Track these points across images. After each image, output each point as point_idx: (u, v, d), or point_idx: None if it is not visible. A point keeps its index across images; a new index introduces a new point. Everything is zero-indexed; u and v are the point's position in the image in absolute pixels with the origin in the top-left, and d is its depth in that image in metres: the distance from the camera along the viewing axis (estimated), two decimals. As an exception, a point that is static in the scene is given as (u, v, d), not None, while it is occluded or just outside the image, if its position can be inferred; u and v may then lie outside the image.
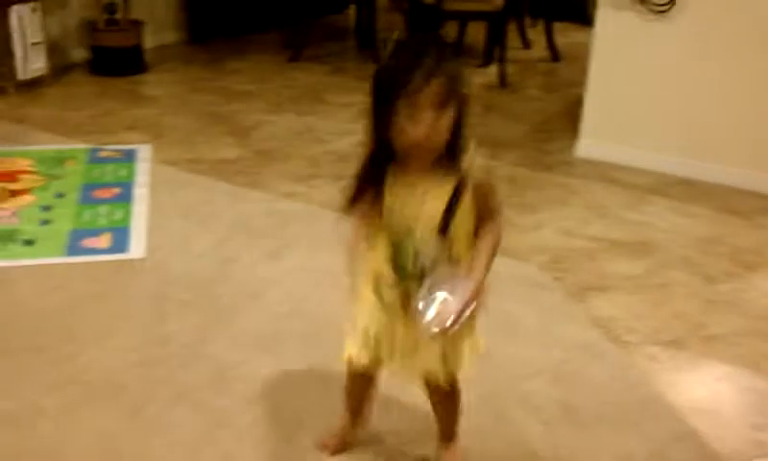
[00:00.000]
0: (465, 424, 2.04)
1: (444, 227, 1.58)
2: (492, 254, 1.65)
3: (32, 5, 4.53)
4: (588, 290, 2.73)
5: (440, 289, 1.56)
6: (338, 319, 2.45)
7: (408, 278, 1.61)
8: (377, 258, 1.65)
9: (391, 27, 5.89)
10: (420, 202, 1.57)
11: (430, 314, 1.55)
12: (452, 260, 1.60)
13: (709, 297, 2.71)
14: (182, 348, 2.33)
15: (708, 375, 2.34)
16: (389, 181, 1.59)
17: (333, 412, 2.01)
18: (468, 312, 1.57)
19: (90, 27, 5.07)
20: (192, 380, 2.19)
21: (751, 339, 2.48)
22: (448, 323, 1.55)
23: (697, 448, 2.01)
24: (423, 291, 1.57)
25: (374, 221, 1.63)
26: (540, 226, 3.19)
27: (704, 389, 2.28)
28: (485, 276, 1.61)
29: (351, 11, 6.57)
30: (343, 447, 1.96)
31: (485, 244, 1.65)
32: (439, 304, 1.56)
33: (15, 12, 4.52)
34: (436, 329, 1.55)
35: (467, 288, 1.57)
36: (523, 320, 2.53)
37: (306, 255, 2.90)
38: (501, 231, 1.68)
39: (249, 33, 6.16)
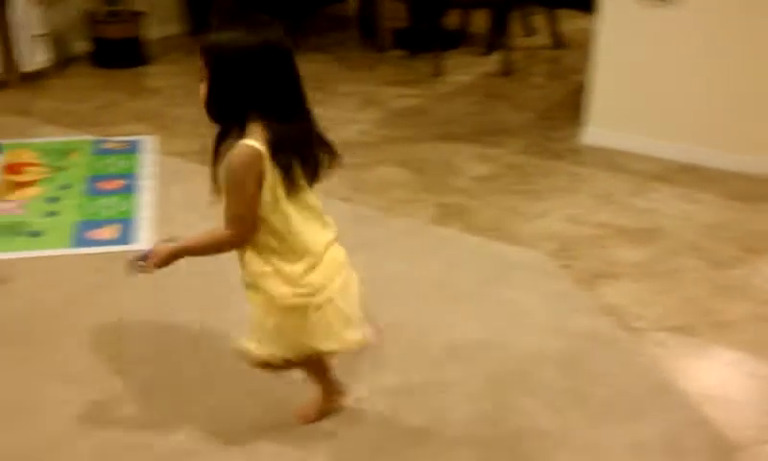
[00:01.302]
0: (471, 409, 2.04)
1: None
2: (203, 248, 1.79)
3: (34, -4, 4.52)
4: (595, 277, 2.72)
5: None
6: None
7: None
8: None
9: (393, 16, 5.86)
10: None
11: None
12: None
13: (718, 282, 2.70)
14: (187, 339, 2.33)
15: (718, 361, 2.33)
16: None
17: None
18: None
19: (91, 18, 5.05)
20: (196, 371, 2.19)
21: (760, 324, 2.47)
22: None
23: (709, 435, 2.01)
24: None
25: None
26: (546, 213, 3.18)
27: (714, 375, 2.27)
28: (181, 251, 1.76)
29: (353, 0, 6.55)
30: (320, 416, 2.00)
31: (206, 235, 1.78)
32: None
33: (18, 5, 4.50)
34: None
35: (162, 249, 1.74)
36: (531, 307, 2.52)
37: (313, 245, 2.89)
38: (227, 242, 1.73)
39: (251, 23, 6.13)
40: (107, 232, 2.92)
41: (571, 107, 4.32)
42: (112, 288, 2.58)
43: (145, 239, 2.87)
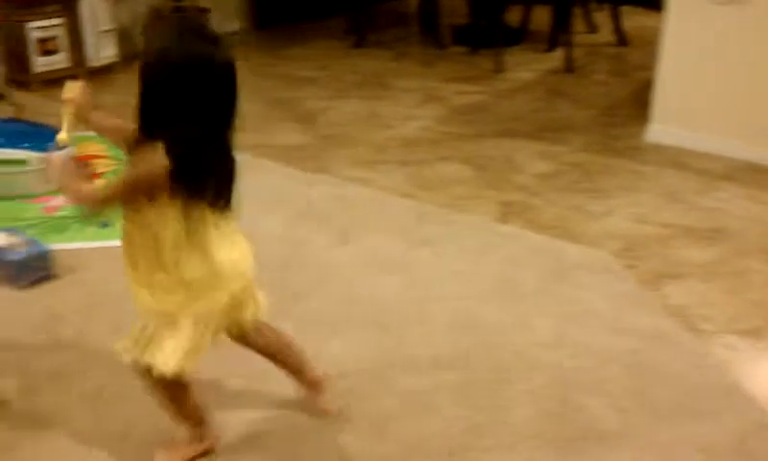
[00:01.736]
0: (534, 408, 2.03)
1: None
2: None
3: (104, -6, 4.63)
4: (661, 277, 2.68)
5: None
6: (404, 304, 2.49)
7: None
8: None
9: (454, 12, 5.85)
10: None
11: None
12: None
13: (788, 286, 2.64)
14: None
15: (788, 365, 2.28)
16: None
17: (404, 393, 2.03)
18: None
19: (157, 15, 5.15)
20: (262, 362, 2.22)
21: (833, 329, 2.41)
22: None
23: (779, 440, 1.97)
24: None
25: None
26: (610, 212, 3.14)
27: (784, 379, 2.23)
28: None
29: (414, -5, 6.56)
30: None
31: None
32: None
33: (87, 1, 4.62)
34: None
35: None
36: (595, 307, 2.49)
37: (373, 240, 2.91)
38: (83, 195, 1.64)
39: (311, 19, 6.19)
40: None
41: (635, 104, 4.27)
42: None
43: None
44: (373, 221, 3.06)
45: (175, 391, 1.77)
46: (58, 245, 2.76)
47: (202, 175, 1.57)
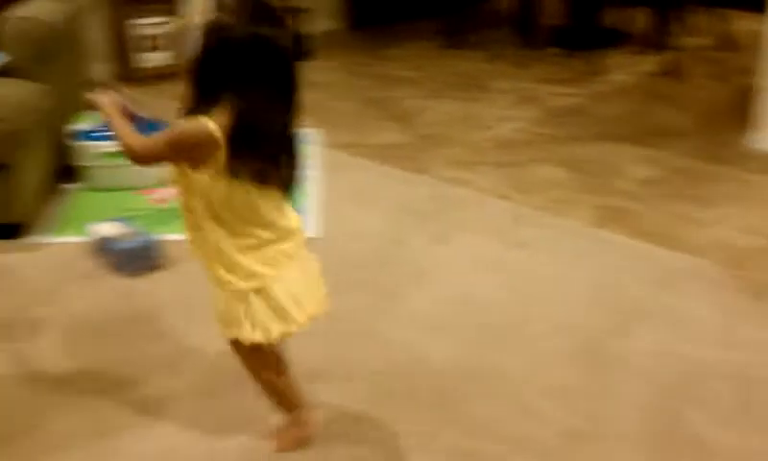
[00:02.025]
0: (635, 418, 2.00)
1: None
2: (121, 133, 1.71)
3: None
4: (769, 289, 2.60)
5: None
6: (503, 306, 2.48)
7: None
8: None
9: (551, 13, 5.79)
10: None
11: None
12: None
13: None
14: (354, 324, 2.39)
15: None
16: None
17: (503, 396, 2.03)
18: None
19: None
20: (363, 358, 2.25)
21: None
22: None
23: None
24: None
25: None
26: (716, 221, 3.05)
27: None
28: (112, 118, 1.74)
29: (510, -4, 6.52)
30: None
31: (132, 132, 1.70)
32: None
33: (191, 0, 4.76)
34: None
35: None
36: (702, 318, 2.43)
37: (472, 241, 2.91)
38: (132, 149, 1.69)
39: (407, 19, 6.22)
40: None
41: (738, 110, 4.13)
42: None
43: (312, 227, 2.97)
44: (470, 221, 3.06)
45: (264, 365, 1.81)
46: (164, 236, 2.85)
47: (250, 147, 1.58)
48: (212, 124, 1.54)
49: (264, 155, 1.61)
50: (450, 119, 4.20)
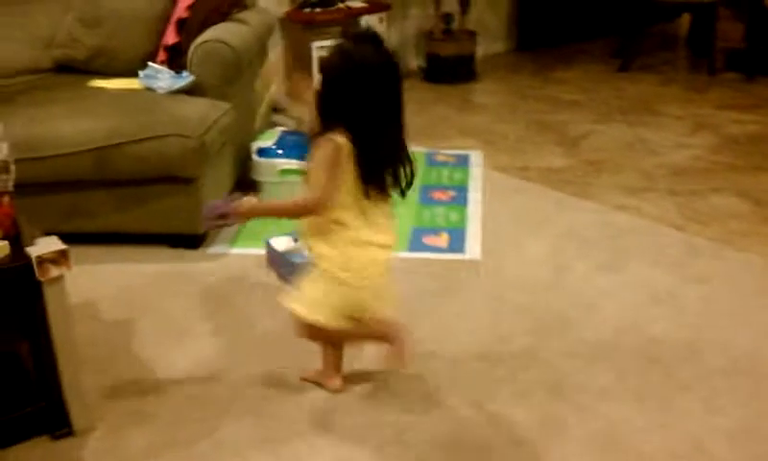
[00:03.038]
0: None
1: None
2: (281, 210, 2.11)
3: (379, 15, 4.89)
4: None
5: None
6: (674, 341, 2.38)
7: None
8: None
9: (727, 36, 5.52)
10: None
11: None
12: None
13: None
14: (519, 349, 2.38)
15: None
16: None
17: (662, 425, 1.95)
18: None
19: (428, 37, 5.36)
20: (530, 382, 2.23)
21: None
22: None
23: None
24: None
25: None
26: None
27: None
28: (260, 209, 2.18)
29: (684, 19, 6.27)
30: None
31: (286, 200, 2.15)
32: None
33: (364, 21, 4.90)
34: None
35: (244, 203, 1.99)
36: None
37: (641, 271, 2.82)
38: (302, 207, 1.92)
39: (575, 41, 6.12)
40: (440, 240, 3.08)
41: None
42: (447, 293, 2.71)
43: (473, 250, 2.98)
44: (640, 251, 2.96)
45: (319, 337, 2.11)
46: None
47: (368, 162, 1.85)
48: (340, 137, 1.81)
49: (380, 169, 1.87)
50: (619, 144, 4.09)
